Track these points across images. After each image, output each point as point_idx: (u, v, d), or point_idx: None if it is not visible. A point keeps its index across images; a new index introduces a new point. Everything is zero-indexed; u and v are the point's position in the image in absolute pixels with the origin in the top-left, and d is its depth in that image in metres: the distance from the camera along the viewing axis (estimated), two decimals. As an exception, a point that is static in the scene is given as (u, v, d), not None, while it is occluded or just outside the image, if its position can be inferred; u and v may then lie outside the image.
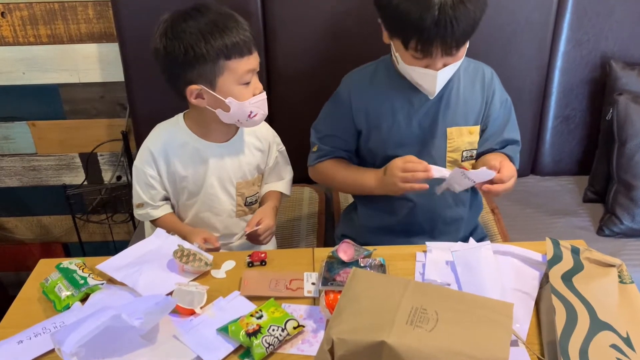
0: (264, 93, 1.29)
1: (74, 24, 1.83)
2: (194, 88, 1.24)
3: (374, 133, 1.34)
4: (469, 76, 1.33)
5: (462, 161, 1.35)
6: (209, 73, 1.22)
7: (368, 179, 1.32)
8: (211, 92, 1.24)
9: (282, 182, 1.49)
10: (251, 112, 1.27)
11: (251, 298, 1.10)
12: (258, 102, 1.28)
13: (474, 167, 1.36)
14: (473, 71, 1.34)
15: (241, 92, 1.25)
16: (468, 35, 1.16)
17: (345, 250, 1.15)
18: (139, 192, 1.37)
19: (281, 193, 1.48)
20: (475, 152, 1.36)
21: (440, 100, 1.30)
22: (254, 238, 1.36)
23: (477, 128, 1.34)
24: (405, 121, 1.31)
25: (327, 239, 1.68)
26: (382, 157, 1.34)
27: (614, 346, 0.91)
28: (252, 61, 1.25)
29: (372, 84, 1.33)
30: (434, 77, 1.20)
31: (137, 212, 1.40)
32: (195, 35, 1.19)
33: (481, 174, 1.18)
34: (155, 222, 1.41)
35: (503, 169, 1.20)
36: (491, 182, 1.19)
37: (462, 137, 1.33)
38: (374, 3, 1.21)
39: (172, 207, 1.43)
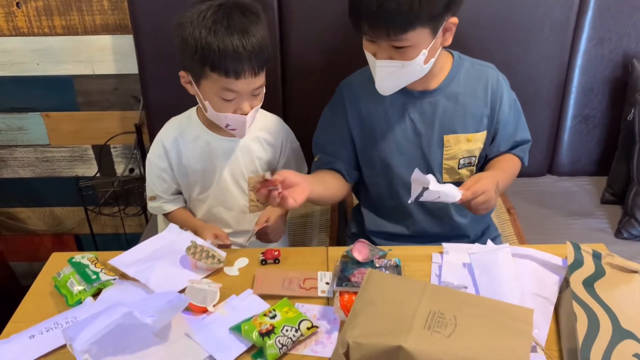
0: (246, 117, 1.22)
1: (88, 15, 1.82)
2: (184, 74, 1.25)
3: (370, 139, 1.30)
4: (471, 81, 1.27)
5: (458, 169, 1.31)
6: (197, 71, 1.21)
7: None
8: (195, 87, 1.24)
9: None
10: (228, 125, 1.25)
11: (264, 297, 1.08)
12: (236, 121, 1.23)
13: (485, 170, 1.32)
14: (476, 75, 1.27)
15: (218, 104, 1.22)
16: (401, 25, 1.07)
17: (360, 250, 1.13)
18: (151, 185, 1.38)
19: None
20: (474, 159, 1.31)
21: (437, 106, 1.26)
22: (263, 236, 1.34)
23: (477, 135, 1.28)
24: (400, 127, 1.27)
25: (340, 237, 1.66)
26: (380, 164, 1.30)
27: (637, 356, 0.88)
28: (240, 85, 1.18)
29: (369, 88, 1.25)
30: (374, 66, 1.16)
31: (150, 205, 1.41)
32: (199, 31, 1.16)
33: (449, 193, 1.11)
34: (167, 216, 1.41)
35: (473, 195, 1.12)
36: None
37: (460, 145, 1.28)
38: None
39: (185, 201, 1.42)
